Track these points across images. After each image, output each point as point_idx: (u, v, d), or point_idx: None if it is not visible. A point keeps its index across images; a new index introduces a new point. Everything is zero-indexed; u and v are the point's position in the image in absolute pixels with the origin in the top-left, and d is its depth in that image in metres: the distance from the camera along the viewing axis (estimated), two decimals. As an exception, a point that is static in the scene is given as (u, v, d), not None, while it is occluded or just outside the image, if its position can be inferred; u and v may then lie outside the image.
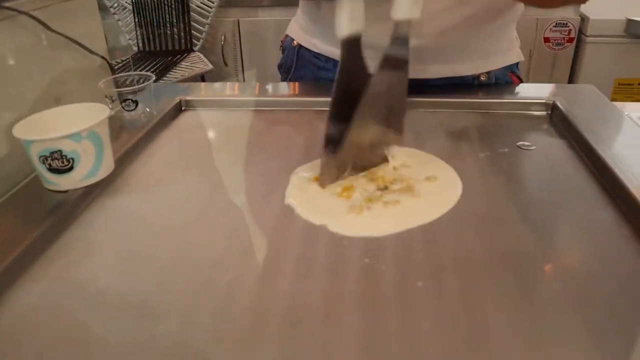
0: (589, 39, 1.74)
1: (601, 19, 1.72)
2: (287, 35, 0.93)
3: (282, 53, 0.95)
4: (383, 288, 0.42)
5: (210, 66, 1.68)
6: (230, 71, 1.89)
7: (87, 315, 0.41)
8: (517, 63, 0.85)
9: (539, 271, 0.44)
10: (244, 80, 1.93)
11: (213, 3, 1.75)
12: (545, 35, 1.78)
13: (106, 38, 0.89)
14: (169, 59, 1.67)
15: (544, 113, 0.75)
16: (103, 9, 1.71)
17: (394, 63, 0.56)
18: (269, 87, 0.86)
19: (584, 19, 1.76)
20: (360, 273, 0.44)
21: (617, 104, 0.80)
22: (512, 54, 0.83)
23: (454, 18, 0.72)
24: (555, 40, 1.77)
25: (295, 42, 0.90)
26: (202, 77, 1.67)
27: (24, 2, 0.65)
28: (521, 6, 0.78)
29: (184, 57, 1.69)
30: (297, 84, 0.89)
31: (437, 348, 0.37)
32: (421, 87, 0.79)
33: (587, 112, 0.71)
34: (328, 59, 0.85)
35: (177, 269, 0.46)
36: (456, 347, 0.37)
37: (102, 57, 0.82)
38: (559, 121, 0.71)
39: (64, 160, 0.54)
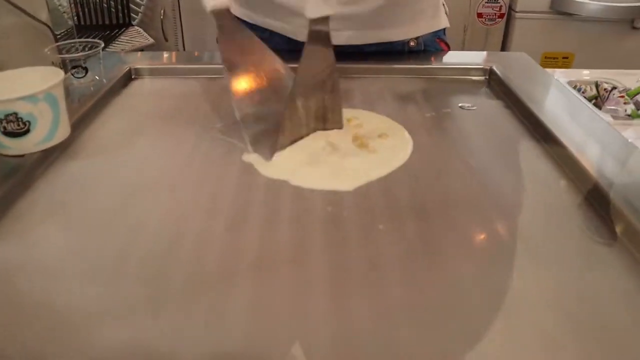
0: (518, 15, 1.84)
1: (529, -4, 1.82)
2: None
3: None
4: (346, 232, 0.45)
5: (151, 40, 1.64)
6: (171, 46, 1.85)
7: (51, 274, 0.41)
8: (444, 30, 0.89)
9: (484, 211, 0.49)
10: (185, 56, 1.90)
11: (151, -25, 1.71)
12: (479, 11, 1.87)
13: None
14: (106, 33, 1.62)
15: (482, 77, 0.80)
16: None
17: (318, 36, 0.60)
18: (219, 55, 0.86)
19: (513, -3, 1.86)
20: (324, 220, 0.47)
21: (547, 70, 0.87)
22: (438, 20, 0.87)
23: None
24: (487, 16, 1.86)
25: None
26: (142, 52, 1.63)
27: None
28: None
29: (122, 32, 1.64)
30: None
31: (400, 279, 0.40)
32: (355, 54, 0.82)
33: (521, 76, 0.76)
34: (265, 30, 0.85)
35: (144, 226, 0.47)
36: (417, 277, 0.40)
37: (46, 25, 0.80)
38: (496, 84, 0.77)
39: (20, 123, 0.53)
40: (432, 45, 0.88)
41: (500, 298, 0.39)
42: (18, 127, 0.54)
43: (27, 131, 0.54)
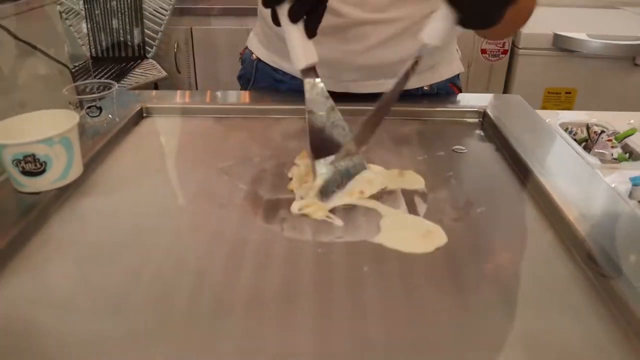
0: (521, 51, 1.88)
1: (531, 33, 1.87)
2: (246, 47, 0.98)
3: (242, 64, 1.00)
4: (334, 273, 0.49)
5: (164, 73, 1.70)
6: (183, 78, 1.92)
7: (62, 308, 0.45)
8: (458, 74, 0.93)
9: (466, 254, 0.52)
10: (196, 88, 1.97)
11: (166, 11, 1.77)
12: (482, 47, 1.92)
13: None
14: (122, 65, 1.69)
15: (476, 120, 0.83)
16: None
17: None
18: (227, 95, 0.91)
19: (516, 33, 1.90)
20: (313, 261, 0.50)
21: (552, 112, 0.90)
22: (454, 66, 0.91)
23: (405, 42, 0.80)
24: (491, 52, 1.91)
25: (254, 55, 0.94)
26: (155, 85, 1.69)
27: (-9, 12, 0.68)
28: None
29: (138, 64, 1.71)
30: (253, 92, 0.94)
31: (381, 320, 0.43)
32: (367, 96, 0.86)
33: (513, 119, 0.80)
34: (285, 73, 0.90)
35: (149, 263, 0.50)
36: (396, 319, 0.44)
37: (64, 65, 0.85)
38: (488, 127, 0.80)
39: (37, 163, 0.58)
40: (444, 89, 0.91)
41: (476, 339, 0.42)
42: (35, 167, 0.58)
43: (43, 171, 0.58)
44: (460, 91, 0.94)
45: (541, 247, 0.53)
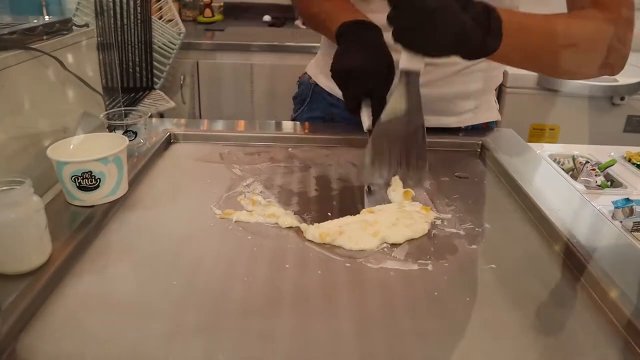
0: (508, 90, 2.01)
1: (518, 73, 2.00)
2: (305, 73, 1.09)
3: (299, 87, 1.10)
4: (365, 275, 0.56)
5: (173, 104, 1.78)
6: (188, 109, 2.00)
7: (119, 309, 0.51)
8: (495, 121, 1.02)
9: (469, 256, 0.59)
10: (200, 117, 2.05)
11: (175, 45, 1.87)
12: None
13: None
14: (131, 95, 1.77)
15: (475, 151, 0.92)
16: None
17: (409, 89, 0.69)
18: (247, 124, 0.99)
19: (504, 73, 2.03)
20: (343, 267, 0.57)
21: (537, 144, 0.99)
22: (490, 114, 1.00)
23: (439, 74, 0.90)
24: (480, 90, 2.03)
25: (312, 79, 1.05)
26: (161, 115, 1.77)
27: (46, 44, 0.76)
28: (499, 76, 0.96)
29: (146, 95, 1.79)
30: (265, 122, 1.03)
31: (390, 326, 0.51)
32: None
33: (508, 150, 0.89)
34: (340, 99, 0.97)
35: (199, 266, 0.57)
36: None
37: (99, 93, 0.93)
38: (487, 157, 0.89)
39: (93, 179, 0.65)
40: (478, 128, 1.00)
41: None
42: (90, 183, 0.65)
43: (97, 187, 0.65)
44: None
45: (537, 254, 0.61)
